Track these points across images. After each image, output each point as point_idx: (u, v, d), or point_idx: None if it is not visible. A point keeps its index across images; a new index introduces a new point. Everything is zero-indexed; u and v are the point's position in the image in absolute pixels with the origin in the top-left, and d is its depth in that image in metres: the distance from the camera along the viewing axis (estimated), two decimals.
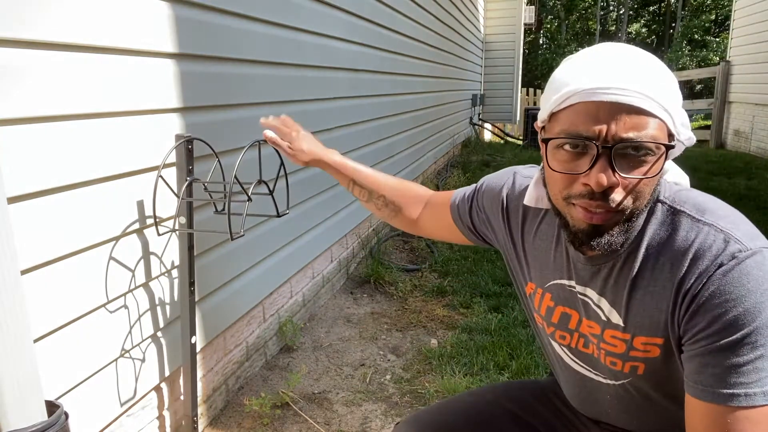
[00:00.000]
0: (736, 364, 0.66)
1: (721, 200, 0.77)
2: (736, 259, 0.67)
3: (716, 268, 0.68)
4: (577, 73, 0.70)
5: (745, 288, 0.66)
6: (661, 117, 0.68)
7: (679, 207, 0.74)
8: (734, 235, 0.69)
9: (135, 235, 1.42)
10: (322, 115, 2.63)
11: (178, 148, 1.42)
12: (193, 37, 1.60)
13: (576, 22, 28.28)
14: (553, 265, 0.89)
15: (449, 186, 5.57)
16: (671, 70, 4.82)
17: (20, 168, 1.08)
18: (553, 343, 0.94)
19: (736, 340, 0.66)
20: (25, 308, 0.89)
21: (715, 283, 0.68)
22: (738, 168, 6.54)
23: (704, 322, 0.68)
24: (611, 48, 0.72)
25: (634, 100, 0.66)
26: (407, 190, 1.20)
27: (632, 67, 0.69)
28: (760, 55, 7.32)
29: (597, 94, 0.67)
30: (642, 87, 0.67)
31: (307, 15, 2.39)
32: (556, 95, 0.72)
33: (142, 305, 1.47)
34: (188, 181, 1.41)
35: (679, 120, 0.71)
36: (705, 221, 0.72)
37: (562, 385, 1.01)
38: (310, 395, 2.02)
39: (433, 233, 1.19)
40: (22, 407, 0.89)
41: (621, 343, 0.80)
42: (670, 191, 0.77)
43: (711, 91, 12.26)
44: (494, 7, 9.66)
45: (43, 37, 1.11)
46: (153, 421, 1.56)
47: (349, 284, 3.11)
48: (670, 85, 0.70)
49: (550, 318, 0.91)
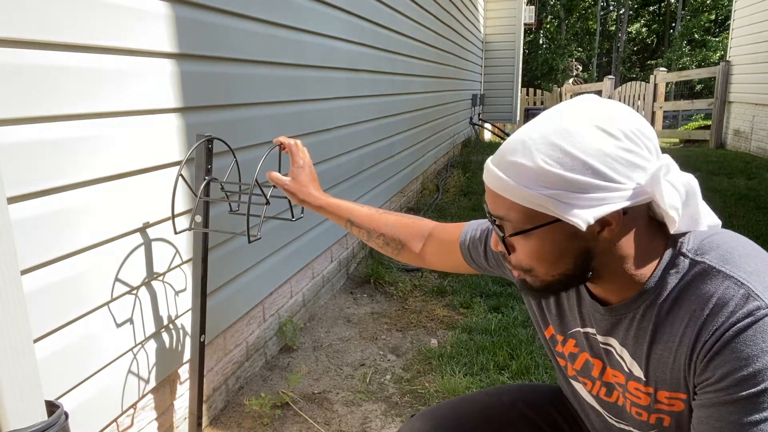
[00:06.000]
0: (740, 422, 0.64)
1: (753, 244, 0.73)
2: (753, 317, 0.65)
3: (732, 325, 0.66)
4: None
5: (759, 347, 0.64)
6: (515, 198, 0.70)
7: (701, 258, 0.71)
8: (755, 290, 0.66)
9: (138, 234, 1.42)
10: (321, 115, 2.63)
11: (198, 147, 1.40)
12: (193, 37, 1.60)
13: (576, 22, 28.27)
14: (572, 314, 0.87)
15: (449, 185, 5.57)
16: (671, 69, 4.73)
17: (18, 170, 1.08)
18: (576, 385, 0.93)
19: (743, 397, 0.64)
20: (25, 308, 0.89)
21: (729, 341, 0.66)
22: (738, 168, 6.54)
23: (715, 377, 0.67)
24: (543, 114, 0.74)
25: (489, 179, 0.73)
26: (406, 226, 1.16)
27: (511, 143, 0.72)
28: (760, 55, 7.32)
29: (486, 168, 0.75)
30: (501, 165, 0.71)
31: (307, 15, 2.39)
32: None
33: (145, 304, 1.47)
34: (206, 180, 1.40)
35: (573, 194, 0.67)
36: (726, 272, 0.68)
37: (583, 418, 0.99)
38: (310, 395, 2.01)
39: (443, 267, 1.15)
40: (22, 407, 0.89)
41: (645, 396, 0.79)
42: (696, 241, 0.73)
43: (711, 91, 12.26)
44: (494, 7, 9.66)
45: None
46: (153, 421, 1.56)
47: (349, 284, 3.11)
48: (555, 159, 0.67)
49: (574, 363, 0.90)
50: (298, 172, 1.22)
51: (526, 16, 10.27)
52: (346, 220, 1.20)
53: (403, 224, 1.17)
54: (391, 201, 4.12)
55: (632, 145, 0.67)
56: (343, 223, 1.21)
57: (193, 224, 1.43)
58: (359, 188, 3.27)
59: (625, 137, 0.67)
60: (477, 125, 8.85)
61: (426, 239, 1.14)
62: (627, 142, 0.67)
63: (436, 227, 1.14)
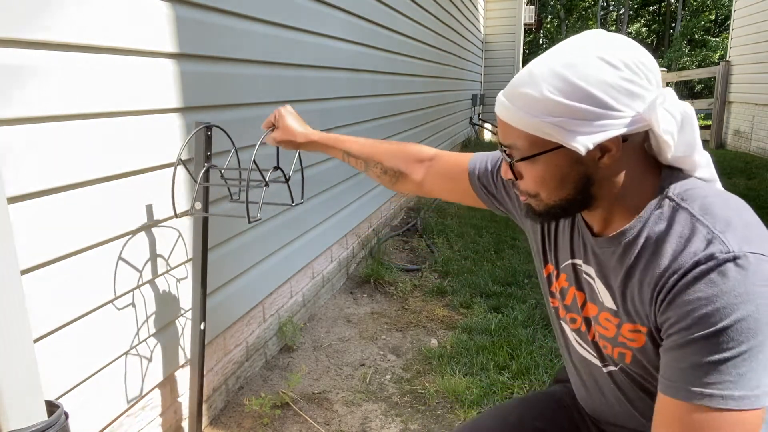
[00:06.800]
0: (702, 363, 0.66)
1: (741, 204, 0.75)
2: (715, 260, 0.67)
3: (693, 266, 0.68)
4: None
5: (719, 288, 0.65)
6: (522, 126, 0.74)
7: (684, 204, 0.74)
8: (723, 236, 0.68)
9: (143, 233, 1.42)
10: (322, 115, 2.63)
11: (197, 134, 1.42)
12: (194, 38, 1.60)
13: (576, 22, 28.27)
14: (564, 245, 0.92)
15: None
16: (671, 69, 4.74)
17: (23, 168, 1.08)
18: (565, 326, 0.96)
19: (703, 336, 0.65)
20: (25, 308, 0.89)
21: (689, 281, 0.68)
22: (738, 168, 6.54)
23: (675, 317, 0.69)
24: (552, 48, 0.77)
25: (500, 110, 0.78)
26: (406, 153, 1.17)
27: (520, 75, 0.76)
28: (760, 55, 7.32)
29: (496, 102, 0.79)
30: (510, 96, 0.76)
31: (307, 15, 2.39)
32: None
33: (149, 303, 1.47)
34: (206, 166, 1.43)
35: (575, 121, 0.71)
36: (703, 221, 0.71)
37: (572, 379, 1.01)
38: (310, 395, 2.01)
39: (441, 194, 1.16)
40: (22, 407, 0.89)
41: (612, 327, 0.82)
42: (683, 188, 0.76)
43: (711, 91, 12.27)
44: (494, 7, 9.67)
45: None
46: (153, 421, 1.56)
47: (349, 284, 3.11)
48: (558, 89, 0.71)
49: (564, 299, 0.93)
50: (280, 120, 1.25)
51: (526, 16, 10.28)
52: (343, 151, 1.20)
53: (402, 151, 1.18)
54: (391, 201, 4.12)
55: (633, 75, 0.71)
56: (340, 156, 1.21)
57: (193, 210, 1.44)
58: (359, 188, 3.27)
59: (626, 67, 0.70)
60: (477, 125, 8.85)
61: (428, 165, 1.15)
62: (628, 72, 0.70)
63: (440, 153, 1.16)
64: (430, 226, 4.16)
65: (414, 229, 4.13)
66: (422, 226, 4.17)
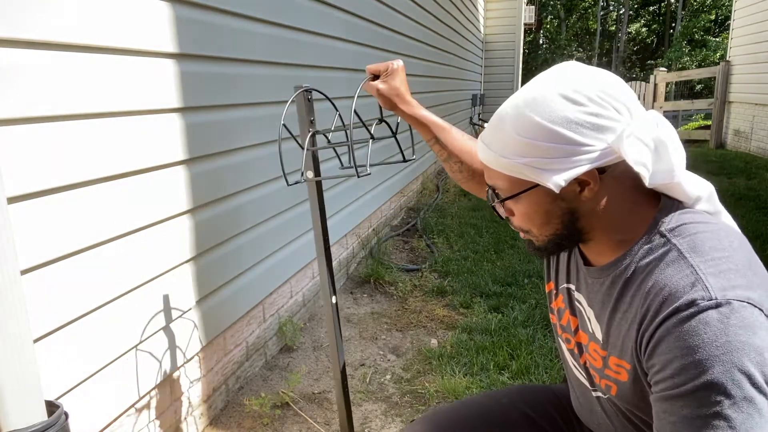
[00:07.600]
0: (691, 416, 0.64)
1: (736, 240, 0.72)
2: (696, 308, 0.64)
3: (673, 313, 0.66)
4: None
5: (700, 338, 0.63)
6: (500, 168, 0.76)
7: (674, 240, 0.72)
8: (706, 280, 0.66)
9: (143, 233, 1.42)
10: (321, 115, 2.63)
11: (298, 98, 1.36)
12: (194, 38, 1.60)
13: (576, 22, 28.27)
14: (563, 269, 0.93)
15: (449, 185, 5.57)
16: (671, 69, 4.73)
17: (26, 166, 1.08)
18: (562, 343, 0.97)
19: (690, 390, 0.63)
20: (25, 308, 0.89)
21: (669, 327, 0.66)
22: (738, 168, 6.54)
23: (659, 364, 0.67)
24: (521, 89, 0.78)
25: (479, 153, 0.80)
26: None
27: (495, 117, 0.78)
28: (760, 55, 7.32)
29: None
30: (486, 139, 0.78)
31: (307, 15, 2.39)
32: None
33: (148, 303, 1.47)
34: (311, 132, 1.38)
35: (545, 160, 0.72)
36: (689, 260, 0.69)
37: (570, 390, 1.03)
38: (310, 395, 2.01)
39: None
40: (22, 407, 0.89)
41: (599, 358, 0.82)
42: (678, 221, 0.73)
43: (711, 91, 12.27)
44: (494, 7, 9.66)
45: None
46: (153, 421, 1.56)
47: (349, 284, 3.10)
48: (525, 130, 0.72)
49: (561, 319, 0.95)
50: (392, 75, 1.19)
51: (526, 16, 10.28)
52: (434, 136, 1.19)
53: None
54: (391, 201, 4.12)
55: (599, 108, 0.70)
56: (428, 138, 1.19)
57: (305, 177, 1.37)
58: (359, 188, 3.27)
59: (591, 102, 0.70)
60: (477, 125, 8.85)
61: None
62: (593, 106, 0.70)
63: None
64: (430, 226, 4.16)
65: (414, 229, 4.13)
66: (422, 226, 4.17)
